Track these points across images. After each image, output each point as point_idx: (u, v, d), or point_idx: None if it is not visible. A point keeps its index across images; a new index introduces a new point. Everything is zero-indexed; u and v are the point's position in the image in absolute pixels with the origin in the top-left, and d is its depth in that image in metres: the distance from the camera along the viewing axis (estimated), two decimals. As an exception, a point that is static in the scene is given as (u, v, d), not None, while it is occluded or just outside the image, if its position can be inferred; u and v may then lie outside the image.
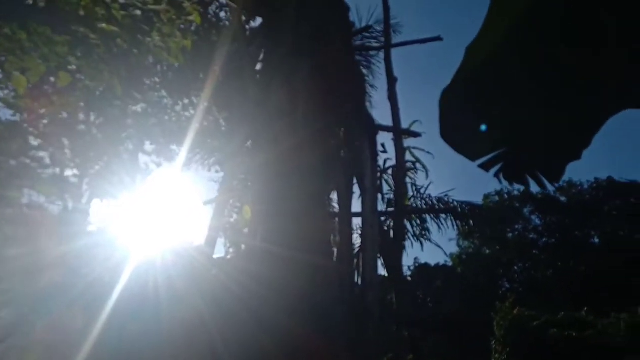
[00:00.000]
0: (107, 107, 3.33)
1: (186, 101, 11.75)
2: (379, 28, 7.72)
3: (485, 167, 1.51)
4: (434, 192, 8.89)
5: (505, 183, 1.59)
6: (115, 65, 2.83)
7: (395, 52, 5.64)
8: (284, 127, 4.70)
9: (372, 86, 6.95)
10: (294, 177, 4.47)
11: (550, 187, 1.49)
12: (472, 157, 1.55)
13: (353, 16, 7.85)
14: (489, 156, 1.54)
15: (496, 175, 1.54)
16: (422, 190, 8.36)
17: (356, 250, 6.06)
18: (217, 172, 11.23)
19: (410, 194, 8.47)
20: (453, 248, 26.13)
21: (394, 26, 8.10)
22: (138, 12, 2.81)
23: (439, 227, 8.32)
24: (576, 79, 1.22)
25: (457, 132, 1.36)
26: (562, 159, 1.42)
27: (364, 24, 7.90)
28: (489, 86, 1.19)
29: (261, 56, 5.65)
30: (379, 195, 5.28)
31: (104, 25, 2.72)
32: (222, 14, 6.46)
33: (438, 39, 5.63)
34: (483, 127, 1.29)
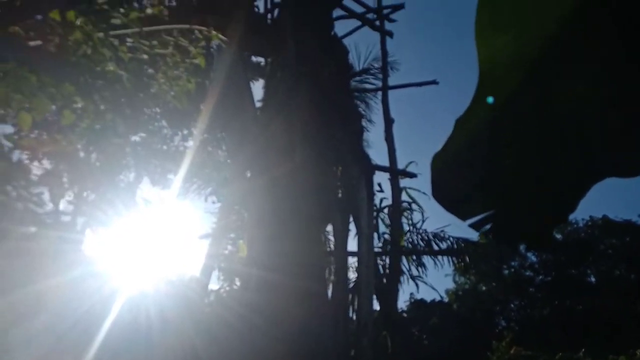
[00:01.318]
0: (107, 142, 3.39)
1: (185, 132, 11.87)
2: (376, 65, 7.94)
3: (476, 227, 1.55)
4: (430, 227, 8.93)
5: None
6: (120, 105, 2.90)
7: (392, 94, 5.79)
8: (283, 164, 4.78)
9: (370, 124, 7.09)
10: (292, 208, 4.52)
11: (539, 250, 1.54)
12: (462, 217, 1.60)
13: (352, 56, 8.10)
14: (479, 217, 1.58)
15: (486, 235, 1.58)
16: (418, 225, 8.41)
17: (351, 285, 6.03)
18: (213, 202, 11.24)
19: (407, 228, 8.51)
20: (449, 284, 25.91)
21: (392, 63, 8.33)
22: (145, 56, 2.91)
23: (435, 263, 8.32)
24: (560, 152, 1.28)
25: (447, 193, 1.41)
26: (549, 224, 1.47)
27: (362, 61, 8.13)
28: (478, 156, 1.25)
29: (261, 94, 5.80)
30: (375, 234, 5.31)
31: (111, 67, 2.81)
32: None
33: (434, 82, 5.80)
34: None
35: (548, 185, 1.42)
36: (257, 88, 7.22)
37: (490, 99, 1.17)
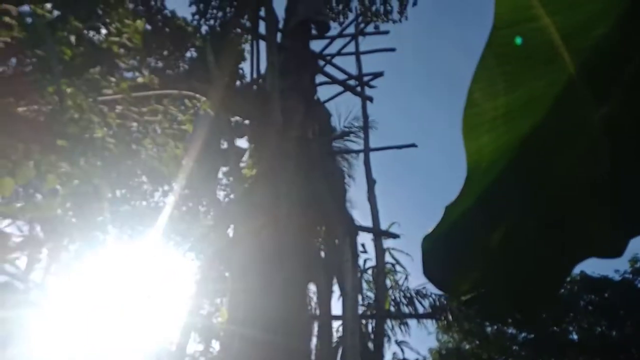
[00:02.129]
0: (89, 206, 3.35)
1: (166, 187, 11.79)
2: (356, 124, 8.20)
3: (466, 304, 1.57)
4: (413, 283, 8.90)
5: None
6: (106, 171, 2.90)
7: (373, 155, 5.95)
8: (267, 223, 4.76)
9: (352, 185, 7.21)
10: (275, 267, 4.45)
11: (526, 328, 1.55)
12: (452, 295, 1.62)
13: (334, 118, 8.38)
14: (469, 295, 1.60)
15: (476, 313, 1.60)
16: (400, 283, 8.35)
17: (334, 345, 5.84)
18: (191, 260, 10.97)
19: (389, 284, 8.43)
20: (432, 342, 25.31)
21: (371, 123, 8.63)
22: (134, 124, 2.95)
23: (418, 321, 8.19)
24: (544, 236, 1.33)
25: (437, 272, 1.44)
26: (536, 303, 1.50)
27: (343, 120, 8.40)
28: (466, 239, 1.29)
29: (246, 155, 5.88)
30: (359, 297, 5.24)
31: (99, 133, 2.83)
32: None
33: (413, 145, 5.99)
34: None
35: (532, 267, 1.47)
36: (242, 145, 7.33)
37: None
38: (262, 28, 6.80)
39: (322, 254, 5.07)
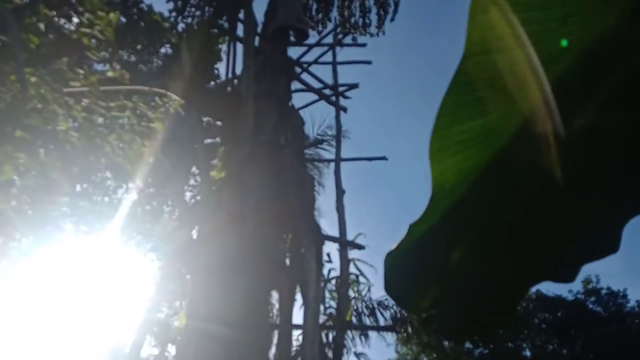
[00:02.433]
0: (47, 199, 3.21)
1: (130, 185, 11.46)
2: (330, 132, 8.25)
3: (426, 322, 1.60)
4: (375, 294, 8.97)
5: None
6: (67, 165, 2.80)
7: (344, 165, 5.99)
8: (232, 228, 4.70)
9: (321, 194, 7.22)
10: (239, 272, 4.39)
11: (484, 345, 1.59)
12: (412, 312, 1.63)
13: (307, 125, 8.40)
14: (428, 313, 1.63)
15: (436, 330, 1.62)
16: (363, 294, 8.41)
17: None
18: (152, 261, 10.68)
19: (352, 295, 8.47)
20: (391, 354, 25.52)
21: (344, 132, 8.70)
22: (100, 119, 2.86)
23: (378, 333, 8.25)
24: (501, 258, 1.37)
25: (398, 290, 1.46)
26: (493, 322, 1.54)
27: (317, 128, 8.44)
28: (427, 258, 1.31)
29: (216, 156, 5.80)
30: (321, 307, 5.23)
31: (62, 125, 2.73)
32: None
33: (383, 158, 6.08)
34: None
35: (490, 287, 1.51)
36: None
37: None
38: (240, 31, 6.77)
39: (287, 261, 5.05)
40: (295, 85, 6.98)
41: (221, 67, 9.34)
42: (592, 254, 1.36)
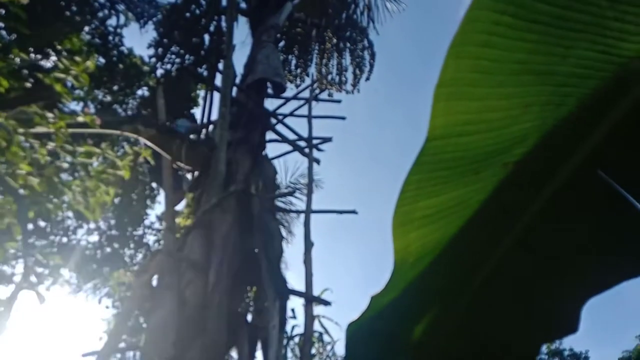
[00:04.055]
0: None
1: (92, 225, 11.00)
2: (302, 180, 8.28)
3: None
4: (340, 350, 8.71)
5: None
6: (22, 211, 2.66)
7: (313, 217, 5.98)
8: (194, 279, 4.54)
9: (289, 245, 7.14)
10: (197, 327, 4.19)
11: None
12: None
13: (280, 174, 8.44)
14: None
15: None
16: (327, 349, 8.14)
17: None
18: (107, 307, 10.11)
19: (315, 352, 8.18)
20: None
21: (317, 182, 8.75)
22: (65, 164, 2.78)
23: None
24: (457, 330, 1.36)
25: (359, 357, 1.42)
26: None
27: (289, 176, 8.46)
28: (387, 328, 1.29)
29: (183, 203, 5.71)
30: (282, 366, 5.02)
31: (24, 167, 2.63)
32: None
33: (353, 212, 6.11)
34: None
35: (452, 359, 1.49)
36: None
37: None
38: (218, 80, 6.90)
39: (249, 316, 4.87)
40: (270, 135, 7.07)
41: (197, 112, 9.39)
42: (551, 334, 1.38)
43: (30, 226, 5.47)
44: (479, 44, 0.96)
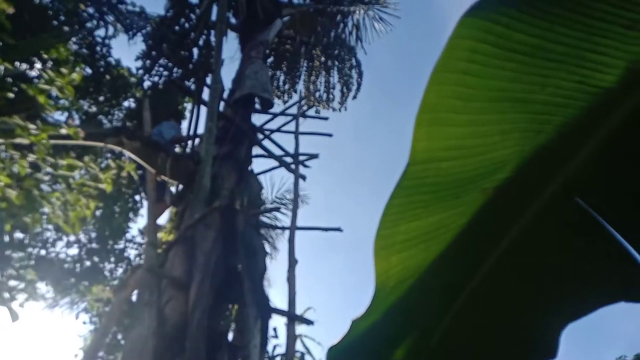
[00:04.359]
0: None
1: (72, 238, 10.75)
2: (288, 196, 8.25)
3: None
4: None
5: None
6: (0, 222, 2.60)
7: (299, 234, 5.95)
8: (175, 296, 4.46)
9: (273, 262, 7.07)
10: (176, 346, 4.10)
11: None
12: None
13: (265, 189, 8.41)
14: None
15: None
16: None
17: None
18: (84, 323, 9.83)
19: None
20: None
21: (303, 197, 8.73)
22: (45, 177, 2.73)
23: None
24: (438, 355, 1.35)
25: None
26: None
27: (275, 191, 8.44)
28: (368, 352, 1.28)
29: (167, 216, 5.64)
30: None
31: (2, 179, 2.56)
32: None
33: (338, 229, 6.10)
34: None
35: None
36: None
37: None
38: (206, 94, 6.89)
39: (230, 335, 4.79)
40: (256, 150, 7.06)
41: (184, 125, 9.34)
42: (530, 358, 1.38)
43: (6, 238, 5.33)
44: (459, 71, 0.98)
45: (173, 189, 6.06)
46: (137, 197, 10.09)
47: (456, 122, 1.04)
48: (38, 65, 7.14)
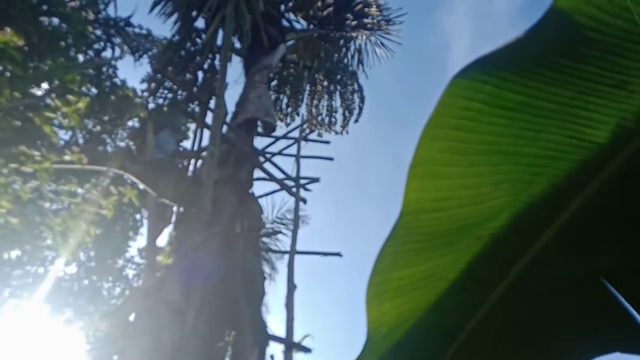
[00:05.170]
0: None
1: (70, 257, 10.71)
2: (289, 216, 8.24)
3: None
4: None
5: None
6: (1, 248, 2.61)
7: (299, 259, 5.93)
8: (172, 322, 4.43)
9: (272, 286, 7.03)
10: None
11: None
12: None
13: (268, 209, 8.42)
14: None
15: None
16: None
17: None
18: (80, 342, 9.73)
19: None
20: None
21: (304, 218, 8.71)
22: (46, 204, 2.76)
23: None
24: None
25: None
26: None
27: (276, 211, 8.44)
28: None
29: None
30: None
31: (4, 204, 2.59)
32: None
33: (338, 254, 6.09)
34: None
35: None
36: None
37: None
38: (209, 118, 6.98)
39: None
40: (258, 173, 7.10)
41: (187, 144, 9.39)
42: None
43: (5, 256, 5.33)
44: (450, 127, 1.01)
45: (175, 209, 6.07)
46: (137, 216, 10.09)
47: (448, 175, 1.06)
48: (45, 85, 7.25)
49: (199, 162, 7.16)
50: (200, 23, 8.73)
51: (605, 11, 0.83)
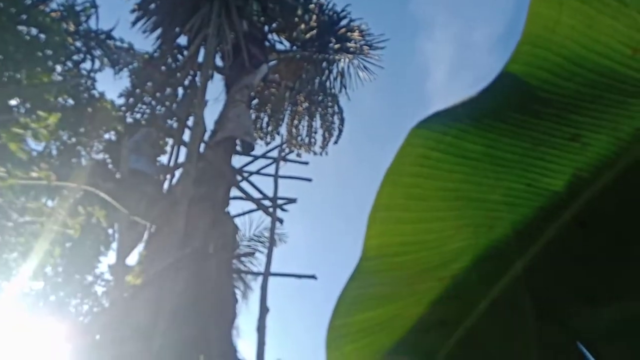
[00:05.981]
0: None
1: (60, 269, 10.36)
2: (266, 233, 8.17)
3: None
4: None
5: None
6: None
7: (272, 280, 5.86)
8: (137, 346, 4.28)
9: (244, 308, 6.89)
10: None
11: None
12: None
13: (245, 226, 8.33)
14: None
15: None
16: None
17: None
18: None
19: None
20: None
21: (281, 236, 8.64)
22: (10, 224, 2.66)
23: None
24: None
25: None
26: None
27: (253, 229, 8.36)
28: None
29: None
30: None
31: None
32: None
33: (312, 277, 6.04)
34: None
35: None
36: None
37: None
38: (187, 135, 6.92)
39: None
40: (234, 192, 7.04)
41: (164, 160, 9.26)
42: None
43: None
44: (411, 174, 1.02)
45: (147, 227, 5.95)
46: (110, 231, 9.83)
47: (409, 220, 1.07)
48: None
49: (174, 179, 7.06)
50: (182, 40, 8.74)
51: (557, 75, 0.86)
